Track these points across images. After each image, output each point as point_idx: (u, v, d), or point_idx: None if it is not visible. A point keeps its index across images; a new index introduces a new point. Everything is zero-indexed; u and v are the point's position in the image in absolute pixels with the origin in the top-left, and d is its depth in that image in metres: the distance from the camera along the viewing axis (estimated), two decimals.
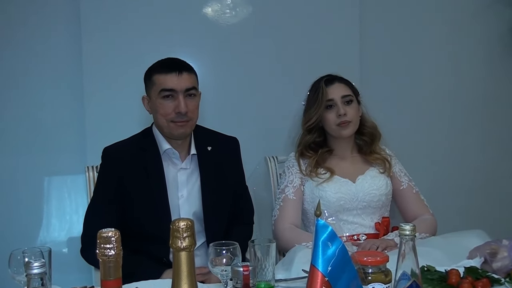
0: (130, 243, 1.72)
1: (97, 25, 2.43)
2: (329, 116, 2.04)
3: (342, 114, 2.00)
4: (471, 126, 3.01)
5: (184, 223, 0.96)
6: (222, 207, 1.92)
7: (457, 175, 2.97)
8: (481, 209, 2.96)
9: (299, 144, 2.11)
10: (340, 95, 2.03)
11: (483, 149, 3.03)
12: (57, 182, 2.55)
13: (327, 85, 2.06)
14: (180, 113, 1.81)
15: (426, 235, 1.92)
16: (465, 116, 2.99)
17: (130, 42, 2.47)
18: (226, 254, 1.36)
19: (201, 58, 2.52)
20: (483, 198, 3.00)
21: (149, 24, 2.49)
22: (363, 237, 1.97)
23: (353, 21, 2.70)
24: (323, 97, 2.03)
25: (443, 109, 2.96)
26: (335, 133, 2.05)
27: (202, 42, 2.56)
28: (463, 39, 2.95)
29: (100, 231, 0.96)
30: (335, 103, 2.03)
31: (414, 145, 2.87)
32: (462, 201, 2.95)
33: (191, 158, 1.92)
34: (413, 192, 2.08)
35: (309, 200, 2.04)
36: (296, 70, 2.61)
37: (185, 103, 1.81)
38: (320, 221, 1.06)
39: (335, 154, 2.09)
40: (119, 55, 2.46)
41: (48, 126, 2.51)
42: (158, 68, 1.85)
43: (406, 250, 1.12)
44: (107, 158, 1.89)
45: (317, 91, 2.06)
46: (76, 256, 1.95)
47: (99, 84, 2.46)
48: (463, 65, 2.96)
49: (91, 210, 1.89)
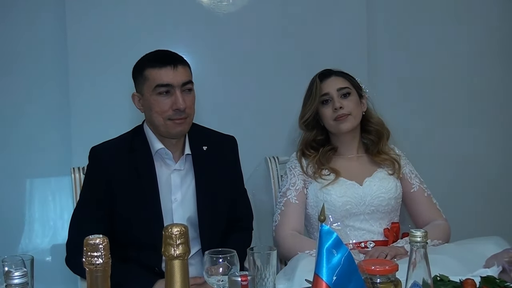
0: (119, 251, 1.73)
1: (83, 15, 2.43)
2: (325, 112, 2.05)
3: (337, 107, 2.02)
4: (487, 126, 3.01)
5: (178, 229, 0.96)
6: (219, 212, 1.93)
7: (472, 177, 2.97)
8: (499, 214, 2.97)
9: (300, 144, 2.13)
10: (336, 88, 2.05)
11: (501, 150, 3.04)
12: (40, 184, 2.55)
13: (322, 79, 2.08)
14: (179, 109, 1.81)
15: (439, 242, 1.92)
16: (480, 116, 3.00)
17: (119, 33, 2.47)
18: (223, 263, 1.36)
19: (196, 50, 2.53)
20: (500, 202, 3.01)
21: (139, 14, 2.49)
22: (371, 244, 1.97)
23: (361, 13, 2.71)
24: (317, 91, 2.05)
25: (456, 108, 2.97)
26: (334, 129, 2.06)
27: (197, 33, 2.56)
28: (478, 33, 2.96)
29: (86, 238, 0.96)
30: (331, 97, 2.04)
31: (425, 145, 2.87)
32: (478, 205, 2.96)
33: (185, 159, 1.92)
34: (424, 195, 2.09)
35: (312, 204, 2.04)
36: (299, 64, 2.61)
37: (182, 98, 1.81)
38: (324, 226, 1.07)
39: (340, 154, 2.10)
40: (107, 47, 2.46)
41: (30, 123, 2.51)
42: (150, 62, 1.84)
43: (417, 258, 1.12)
44: (94, 159, 1.90)
45: (311, 86, 2.09)
46: (60, 265, 1.95)
47: (86, 78, 2.46)
48: (479, 63, 2.98)
49: (77, 215, 1.89)
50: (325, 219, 1.09)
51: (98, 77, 2.47)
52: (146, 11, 2.50)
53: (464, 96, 2.97)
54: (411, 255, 1.13)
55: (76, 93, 2.46)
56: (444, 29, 2.92)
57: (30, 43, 2.47)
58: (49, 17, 2.47)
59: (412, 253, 1.13)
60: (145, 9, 2.50)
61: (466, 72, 2.97)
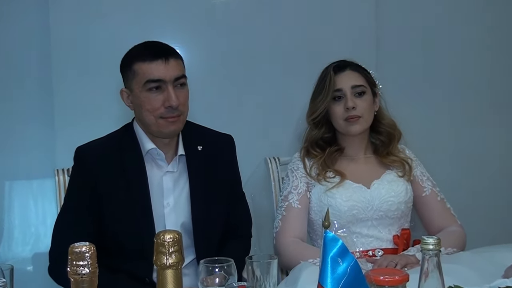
0: (107, 260, 1.73)
1: (66, 9, 2.42)
2: (336, 109, 2.05)
3: (350, 107, 2.01)
4: (505, 126, 3.01)
5: (171, 236, 0.97)
6: (215, 218, 1.93)
7: (490, 180, 2.97)
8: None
9: (305, 141, 2.12)
10: (350, 84, 2.04)
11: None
12: (21, 187, 2.55)
13: (336, 72, 2.07)
14: (171, 107, 1.81)
15: (453, 250, 1.93)
16: (498, 115, 3.00)
17: (104, 26, 2.46)
18: (219, 273, 1.36)
19: (189, 42, 2.52)
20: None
21: (126, 3, 2.48)
22: (379, 252, 1.98)
23: (369, 8, 2.71)
24: (331, 86, 2.04)
25: (470, 105, 2.96)
26: (342, 129, 2.06)
27: (191, 23, 2.56)
28: (491, 30, 2.96)
29: (71, 246, 0.96)
30: (344, 94, 2.04)
31: (438, 145, 2.87)
32: (496, 210, 2.96)
33: (178, 160, 1.92)
34: (437, 200, 2.09)
35: (316, 209, 2.04)
36: (302, 58, 2.61)
37: (175, 94, 1.81)
38: (328, 233, 1.07)
39: (346, 154, 2.10)
40: (92, 40, 2.45)
41: (9, 121, 2.51)
42: (139, 55, 1.84)
43: (430, 268, 1.12)
44: (80, 160, 1.90)
45: (324, 78, 2.08)
46: (43, 275, 1.95)
47: (71, 72, 2.45)
48: (491, 58, 2.97)
49: (61, 220, 1.89)
50: (329, 225, 1.09)
51: (83, 71, 2.46)
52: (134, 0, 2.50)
53: (480, 90, 2.97)
54: (423, 264, 1.14)
55: (60, 88, 2.45)
56: (455, 24, 2.92)
57: (12, 39, 2.47)
58: (31, 11, 2.47)
59: (424, 262, 1.13)
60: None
61: (485, 65, 2.97)
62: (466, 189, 2.86)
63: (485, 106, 2.97)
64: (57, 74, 2.45)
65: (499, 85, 2.99)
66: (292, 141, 2.27)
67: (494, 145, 3.00)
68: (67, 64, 2.45)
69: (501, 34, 2.98)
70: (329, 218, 1.09)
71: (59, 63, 2.44)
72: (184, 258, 1.00)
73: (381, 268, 1.76)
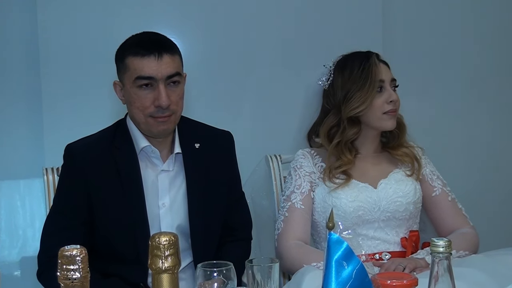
0: (99, 264, 1.73)
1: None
2: (377, 101, 2.02)
3: (395, 100, 2.01)
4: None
5: (166, 238, 0.97)
6: (213, 219, 1.93)
7: (503, 178, 2.98)
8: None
9: (337, 139, 2.03)
10: (390, 77, 2.04)
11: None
12: (8, 187, 2.56)
13: (377, 62, 2.03)
14: (161, 106, 1.81)
15: (465, 253, 1.93)
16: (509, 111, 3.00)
17: (96, 16, 2.46)
18: (217, 277, 1.36)
19: (188, 33, 2.53)
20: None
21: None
22: (387, 255, 1.98)
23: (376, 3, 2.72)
24: (377, 76, 2.00)
25: (482, 98, 2.96)
26: (377, 124, 2.03)
27: (189, 12, 2.56)
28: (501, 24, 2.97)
29: (62, 249, 0.97)
30: (385, 87, 2.03)
31: (448, 142, 2.88)
32: (510, 210, 2.96)
33: (174, 158, 1.92)
34: (448, 200, 2.09)
35: (320, 209, 2.04)
36: (305, 52, 2.62)
37: (166, 93, 1.80)
38: (333, 235, 1.07)
39: (357, 153, 2.09)
40: (82, 32, 2.45)
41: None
42: (132, 48, 1.83)
43: (440, 272, 1.13)
44: (70, 158, 1.90)
45: (366, 67, 2.01)
46: (31, 280, 1.95)
47: (60, 65, 2.46)
48: (501, 53, 2.97)
49: (50, 222, 1.89)
50: (334, 226, 1.09)
51: (73, 65, 2.46)
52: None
53: (490, 90, 2.98)
54: (432, 267, 1.14)
55: (49, 83, 2.46)
56: (464, 20, 2.93)
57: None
58: (18, 8, 2.47)
59: (434, 265, 1.14)
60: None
61: (497, 59, 2.98)
62: (476, 186, 2.87)
63: (495, 102, 2.98)
64: (45, 71, 2.45)
65: (509, 80, 3.00)
66: (295, 137, 2.26)
67: (509, 141, 3.00)
68: (55, 60, 2.45)
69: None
70: (333, 219, 1.09)
71: (47, 60, 2.45)
72: (180, 262, 1.00)
73: (388, 272, 1.76)
